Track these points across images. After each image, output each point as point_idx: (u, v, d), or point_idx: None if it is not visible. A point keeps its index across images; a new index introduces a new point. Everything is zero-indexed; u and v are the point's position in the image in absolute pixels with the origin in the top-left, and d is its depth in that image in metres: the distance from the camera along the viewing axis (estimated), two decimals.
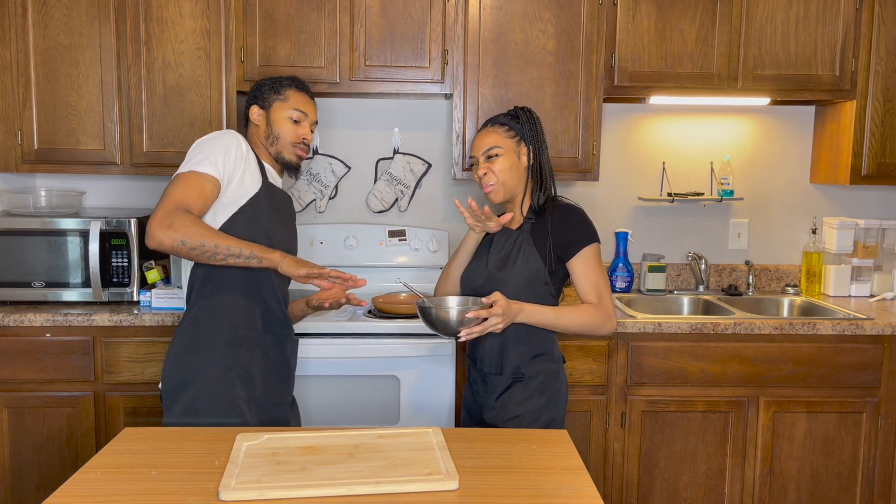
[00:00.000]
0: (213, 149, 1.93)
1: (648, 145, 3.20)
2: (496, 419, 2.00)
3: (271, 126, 2.10)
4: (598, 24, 2.77)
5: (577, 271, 1.99)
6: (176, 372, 1.97)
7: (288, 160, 2.11)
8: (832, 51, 2.83)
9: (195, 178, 1.88)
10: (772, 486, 2.67)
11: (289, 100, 2.11)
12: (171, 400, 1.96)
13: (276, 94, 2.11)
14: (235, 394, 1.95)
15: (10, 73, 2.71)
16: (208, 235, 1.81)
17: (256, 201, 1.99)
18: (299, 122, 2.11)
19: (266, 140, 2.11)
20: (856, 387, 2.64)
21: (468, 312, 1.82)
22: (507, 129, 2.06)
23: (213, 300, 1.98)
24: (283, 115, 2.09)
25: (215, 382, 1.94)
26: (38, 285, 2.67)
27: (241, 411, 1.95)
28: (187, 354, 1.97)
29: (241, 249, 1.83)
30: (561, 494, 1.39)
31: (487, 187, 2.05)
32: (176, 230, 1.79)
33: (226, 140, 1.97)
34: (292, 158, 2.11)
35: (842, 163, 2.96)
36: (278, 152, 2.10)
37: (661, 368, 2.61)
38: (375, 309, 2.65)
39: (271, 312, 2.04)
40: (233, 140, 1.98)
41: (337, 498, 1.35)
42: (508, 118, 2.08)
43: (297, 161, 2.13)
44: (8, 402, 2.56)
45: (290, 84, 2.13)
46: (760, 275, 3.24)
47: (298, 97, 2.12)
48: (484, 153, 2.05)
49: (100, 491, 1.39)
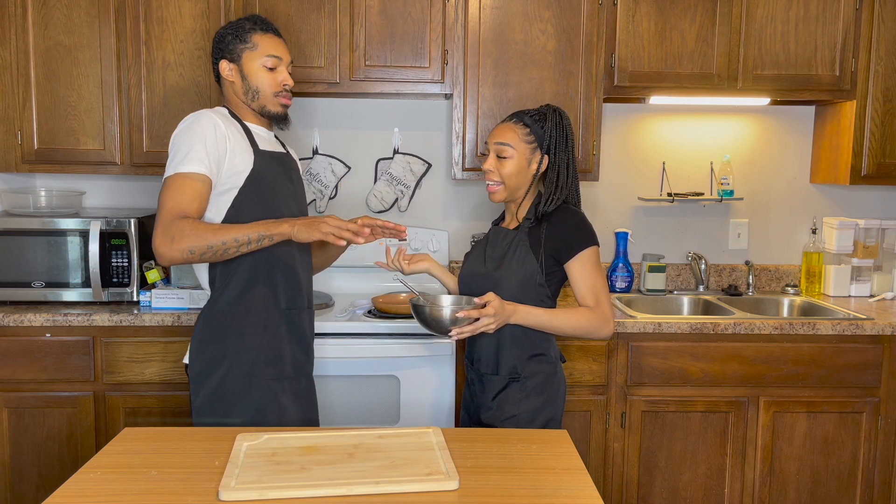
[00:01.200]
0: (190, 142, 1.84)
1: (648, 145, 3.20)
2: (493, 419, 2.00)
3: (247, 80, 1.96)
4: (598, 24, 2.77)
5: (574, 274, 1.98)
6: (200, 358, 1.94)
7: (274, 112, 2.00)
8: (832, 51, 2.83)
9: (182, 180, 1.82)
10: (772, 486, 2.67)
11: (258, 46, 1.96)
12: (199, 384, 1.95)
13: (243, 43, 1.96)
14: (267, 374, 1.95)
15: (10, 73, 2.71)
16: (211, 235, 1.76)
17: (253, 178, 1.91)
18: (275, 69, 1.97)
19: (245, 96, 1.98)
20: (856, 387, 2.64)
21: (459, 312, 1.82)
22: (527, 133, 2.01)
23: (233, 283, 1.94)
24: (256, 64, 1.95)
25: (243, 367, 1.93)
26: (38, 285, 2.67)
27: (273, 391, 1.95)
28: (211, 341, 1.94)
29: (248, 236, 1.77)
30: (561, 494, 1.39)
31: (490, 184, 2.04)
32: (179, 242, 1.75)
33: (200, 127, 1.86)
34: (278, 109, 2.00)
35: (842, 163, 2.96)
36: (262, 106, 1.98)
37: (661, 368, 2.61)
38: (375, 309, 2.65)
39: (288, 287, 2.00)
40: (208, 124, 1.87)
41: (337, 498, 1.35)
42: (534, 120, 2.01)
43: (283, 110, 2.01)
44: (8, 402, 2.56)
45: (253, 27, 1.98)
46: (760, 275, 3.24)
47: (267, 40, 1.97)
48: (496, 149, 2.02)
49: (100, 491, 1.39)
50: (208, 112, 1.91)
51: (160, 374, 2.56)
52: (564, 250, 1.97)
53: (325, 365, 2.49)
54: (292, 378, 2.02)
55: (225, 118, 1.94)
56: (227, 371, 1.93)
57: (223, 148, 1.88)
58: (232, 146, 1.89)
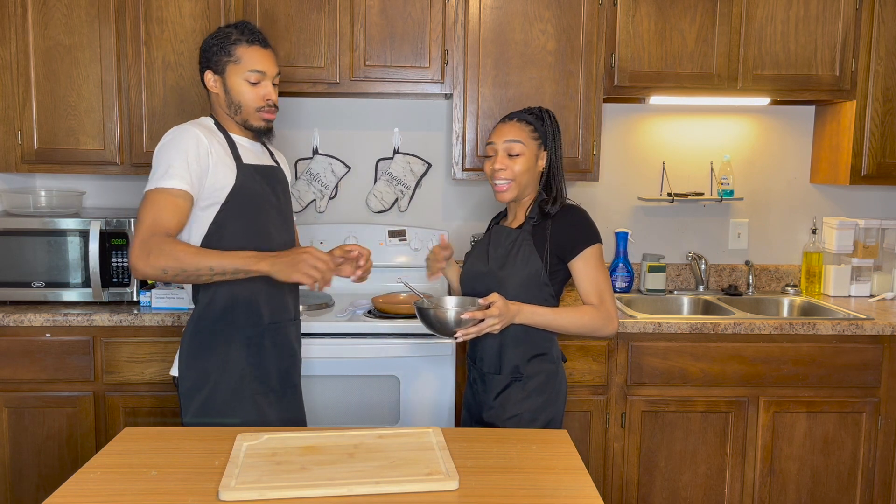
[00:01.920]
0: (171, 157, 1.82)
1: (648, 145, 3.20)
2: (494, 418, 2.00)
3: (229, 94, 1.93)
4: (598, 24, 2.77)
5: (578, 272, 1.98)
6: (188, 375, 1.95)
7: (256, 127, 1.97)
8: (832, 51, 2.83)
9: (162, 195, 1.79)
10: (772, 486, 2.67)
11: (241, 60, 1.91)
12: (188, 400, 1.95)
13: (227, 56, 1.92)
14: (253, 389, 1.96)
15: (10, 73, 2.71)
16: (188, 259, 1.73)
17: (236, 194, 1.89)
18: (259, 83, 1.93)
19: (229, 109, 1.95)
20: (856, 387, 2.64)
21: (464, 314, 1.82)
22: (532, 130, 2.01)
23: (216, 299, 1.94)
24: (238, 79, 1.92)
25: (229, 383, 1.94)
26: (38, 285, 2.67)
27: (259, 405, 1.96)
28: (197, 358, 1.95)
29: (224, 266, 1.74)
30: (561, 494, 1.39)
31: (501, 184, 2.01)
32: (155, 259, 1.72)
33: (183, 142, 1.84)
34: (260, 124, 1.97)
35: (842, 163, 2.96)
36: (244, 120, 1.95)
37: (661, 368, 2.61)
38: (375, 309, 2.65)
39: (272, 301, 2.00)
40: (190, 139, 1.84)
41: (337, 498, 1.35)
42: (535, 118, 2.03)
43: (267, 125, 1.98)
44: (8, 402, 2.56)
45: (239, 37, 1.93)
46: (760, 275, 3.24)
47: (251, 54, 1.92)
48: (505, 147, 2.00)
49: (100, 491, 1.39)
50: (191, 126, 1.89)
51: (160, 374, 2.56)
52: (568, 248, 1.97)
53: (325, 365, 2.49)
54: (278, 391, 2.02)
55: (209, 131, 1.92)
56: (213, 387, 1.93)
57: (205, 164, 1.85)
58: (214, 161, 1.87)
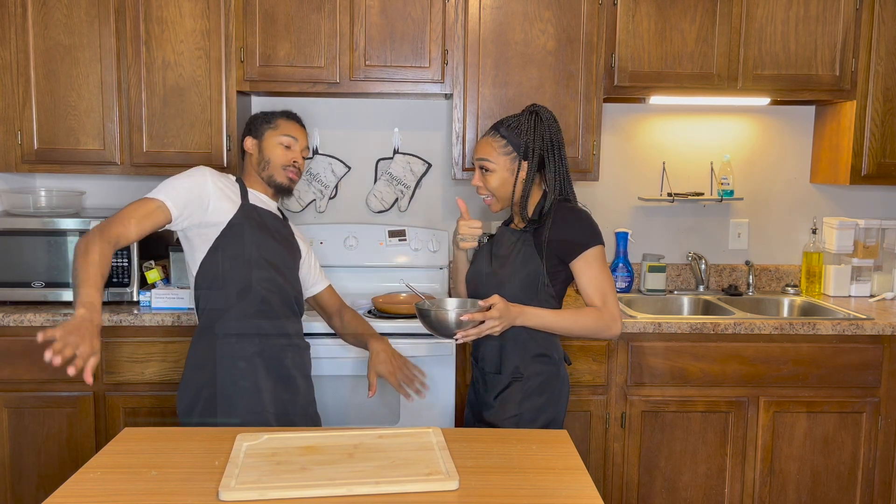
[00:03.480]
0: (177, 182, 2.03)
1: (648, 145, 3.20)
2: (495, 418, 2.00)
3: (263, 153, 2.18)
4: (598, 24, 2.77)
5: (580, 274, 1.98)
6: (185, 395, 2.07)
7: (279, 183, 2.18)
8: (832, 51, 2.83)
9: (144, 202, 1.99)
10: (772, 486, 2.67)
11: (279, 127, 2.19)
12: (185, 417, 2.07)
13: (268, 124, 2.20)
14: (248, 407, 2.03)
15: (10, 73, 2.71)
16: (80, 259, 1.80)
17: (237, 219, 2.07)
18: (290, 147, 2.19)
19: (258, 166, 2.18)
20: (856, 387, 2.64)
21: (464, 315, 1.82)
22: (504, 144, 2.00)
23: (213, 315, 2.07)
24: (273, 141, 2.17)
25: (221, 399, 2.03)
26: (38, 285, 2.67)
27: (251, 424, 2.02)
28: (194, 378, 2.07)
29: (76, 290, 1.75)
30: (561, 494, 1.39)
31: (484, 198, 2.08)
32: (84, 239, 1.85)
33: (197, 175, 2.06)
34: (283, 181, 2.18)
35: (842, 163, 2.96)
36: (270, 176, 2.17)
37: (661, 368, 2.61)
38: (375, 309, 2.65)
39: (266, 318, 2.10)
40: (199, 174, 2.07)
41: (337, 498, 1.35)
42: (509, 129, 2.01)
43: (289, 183, 2.19)
44: (8, 402, 2.56)
45: (281, 114, 2.23)
46: (760, 275, 3.24)
47: (289, 125, 2.21)
48: (478, 164, 2.05)
49: (100, 491, 1.39)
50: (208, 169, 2.11)
51: (160, 374, 2.56)
52: (569, 250, 1.97)
53: (325, 365, 2.49)
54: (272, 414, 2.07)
55: (225, 177, 2.14)
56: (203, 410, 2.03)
57: (208, 193, 2.04)
58: (218, 195, 2.06)
